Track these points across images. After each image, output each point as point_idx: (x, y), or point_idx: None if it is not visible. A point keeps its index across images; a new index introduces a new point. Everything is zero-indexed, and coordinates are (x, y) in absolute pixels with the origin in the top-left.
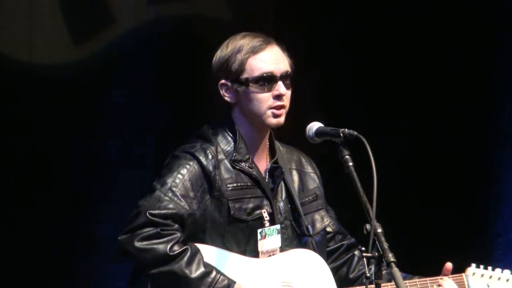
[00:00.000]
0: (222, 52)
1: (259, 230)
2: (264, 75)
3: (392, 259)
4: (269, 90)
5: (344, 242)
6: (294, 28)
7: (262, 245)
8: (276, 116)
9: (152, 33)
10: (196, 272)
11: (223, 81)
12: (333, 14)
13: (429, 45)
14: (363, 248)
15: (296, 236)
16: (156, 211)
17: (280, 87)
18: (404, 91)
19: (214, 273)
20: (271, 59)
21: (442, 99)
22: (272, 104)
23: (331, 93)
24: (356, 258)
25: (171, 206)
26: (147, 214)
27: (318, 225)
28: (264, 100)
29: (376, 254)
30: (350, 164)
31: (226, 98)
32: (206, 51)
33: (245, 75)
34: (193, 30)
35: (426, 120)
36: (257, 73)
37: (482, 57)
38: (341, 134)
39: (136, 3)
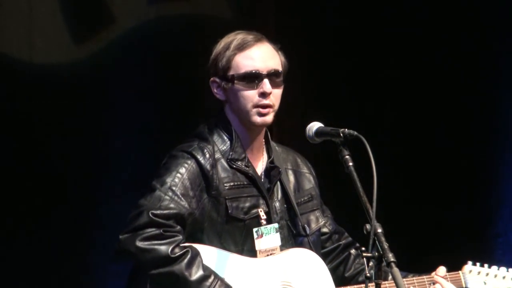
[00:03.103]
0: (215, 50)
1: (255, 229)
2: (249, 72)
3: (392, 259)
4: (255, 87)
5: (341, 242)
6: (294, 28)
7: (259, 244)
8: (261, 114)
9: (153, 33)
10: (195, 275)
11: (213, 78)
12: (333, 14)
13: (429, 44)
14: (363, 248)
15: (292, 236)
16: (158, 211)
17: (265, 85)
18: (404, 90)
19: (212, 277)
20: (258, 56)
21: (442, 98)
22: (258, 102)
23: (331, 93)
24: (352, 257)
25: (172, 205)
26: (150, 214)
27: (313, 226)
28: (249, 97)
29: (376, 254)
30: (350, 164)
31: (217, 95)
32: (206, 51)
33: (231, 72)
34: (194, 29)
35: (426, 120)
36: (242, 70)
37: (482, 57)
38: (341, 134)
39: (137, 3)
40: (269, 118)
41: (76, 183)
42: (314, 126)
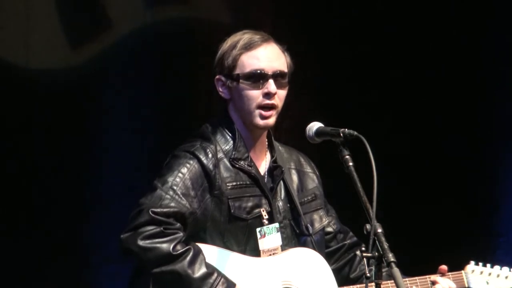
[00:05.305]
0: (221, 48)
1: (257, 229)
2: (255, 71)
3: (392, 259)
4: (259, 87)
5: (345, 242)
6: (292, 30)
7: (263, 244)
8: (264, 117)
9: (150, 37)
10: (198, 272)
11: (218, 76)
12: (333, 14)
13: (430, 45)
14: (363, 248)
15: (295, 235)
16: (158, 209)
17: (270, 85)
18: (405, 90)
19: (215, 274)
20: (264, 57)
21: (443, 98)
22: (261, 103)
23: (330, 93)
24: (357, 258)
25: (172, 204)
26: (150, 212)
27: (317, 225)
28: (254, 97)
29: (376, 254)
30: (350, 164)
31: (221, 94)
32: (204, 54)
33: (237, 71)
34: (191, 33)
35: (427, 120)
36: (248, 69)
37: (483, 57)
38: (341, 134)
39: (134, 7)
40: (272, 120)
41: (75, 184)
42: (314, 126)
